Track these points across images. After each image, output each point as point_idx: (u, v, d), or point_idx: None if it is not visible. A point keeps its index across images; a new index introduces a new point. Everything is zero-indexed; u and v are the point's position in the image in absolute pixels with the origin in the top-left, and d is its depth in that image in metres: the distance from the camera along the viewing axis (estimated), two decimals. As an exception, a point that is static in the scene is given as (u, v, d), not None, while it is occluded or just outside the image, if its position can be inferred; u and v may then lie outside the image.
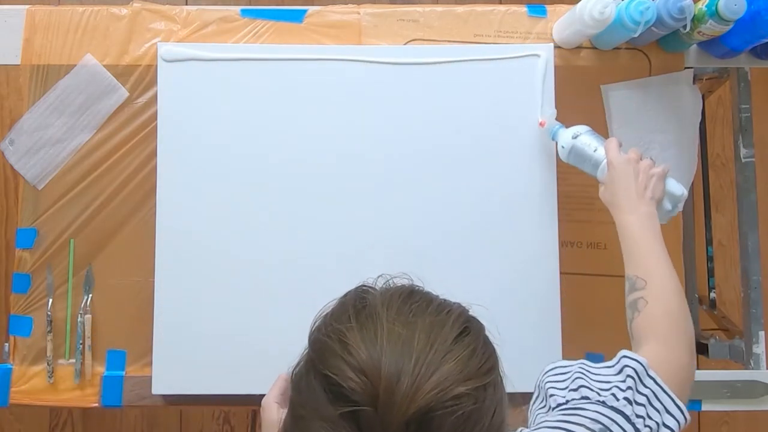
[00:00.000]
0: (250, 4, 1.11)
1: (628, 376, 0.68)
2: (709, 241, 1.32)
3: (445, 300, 0.59)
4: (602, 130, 1.08)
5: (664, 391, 0.69)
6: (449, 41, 1.09)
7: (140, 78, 1.06)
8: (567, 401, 0.67)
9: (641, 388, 0.68)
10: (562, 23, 1.07)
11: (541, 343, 1.01)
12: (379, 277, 0.62)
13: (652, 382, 0.69)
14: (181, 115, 1.02)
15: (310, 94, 1.03)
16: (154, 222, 1.01)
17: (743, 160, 1.10)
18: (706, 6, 0.95)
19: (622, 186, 0.88)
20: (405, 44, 1.08)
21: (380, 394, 0.49)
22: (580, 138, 0.95)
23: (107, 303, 1.05)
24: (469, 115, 1.03)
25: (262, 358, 1.00)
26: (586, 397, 0.67)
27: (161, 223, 1.01)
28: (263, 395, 1.00)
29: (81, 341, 1.03)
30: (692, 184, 1.11)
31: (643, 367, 0.69)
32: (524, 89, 1.03)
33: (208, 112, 1.02)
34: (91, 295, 1.04)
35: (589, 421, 0.63)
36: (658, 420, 0.67)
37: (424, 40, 1.09)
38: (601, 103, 1.09)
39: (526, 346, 1.01)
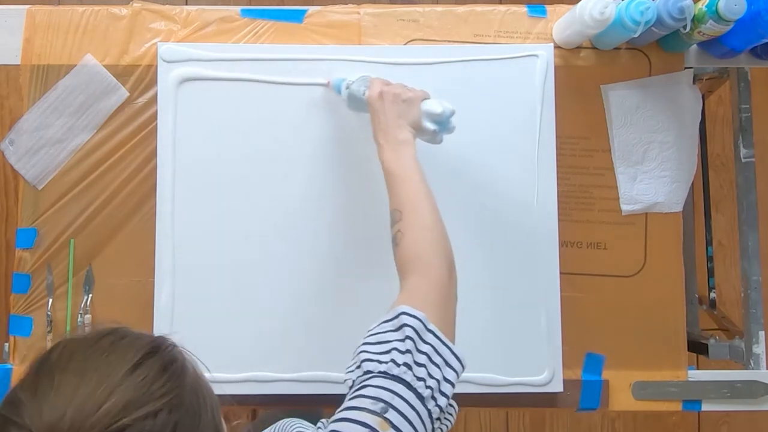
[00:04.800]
0: (250, 4, 1.11)
1: (407, 336, 0.68)
2: (709, 241, 1.32)
3: (139, 336, 0.59)
4: (602, 130, 1.09)
5: (443, 343, 0.69)
6: (449, 41, 1.09)
7: (140, 78, 1.06)
8: (354, 381, 0.68)
9: (421, 346, 0.68)
10: (562, 23, 1.07)
11: (541, 343, 1.01)
12: (86, 326, 0.63)
13: (432, 336, 0.69)
14: (181, 115, 1.02)
15: (309, 94, 1.03)
16: (154, 222, 1.01)
17: (743, 160, 1.10)
18: (706, 6, 0.95)
19: (378, 122, 0.87)
20: (405, 44, 1.08)
21: None
22: (353, 85, 0.95)
23: (107, 303, 1.04)
24: (469, 115, 1.03)
25: (261, 358, 1.00)
26: (369, 371, 0.67)
27: (161, 223, 1.01)
28: (263, 395, 1.01)
29: (81, 341, 1.03)
30: (692, 184, 1.11)
31: (422, 323, 0.69)
32: (524, 89, 1.03)
33: (209, 112, 1.02)
34: (91, 295, 1.04)
35: (370, 401, 0.64)
36: (439, 376, 0.68)
37: (424, 40, 1.09)
38: (601, 103, 1.09)
39: (527, 346, 1.01)
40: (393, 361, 0.67)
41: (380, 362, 0.67)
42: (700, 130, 1.12)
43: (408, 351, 0.67)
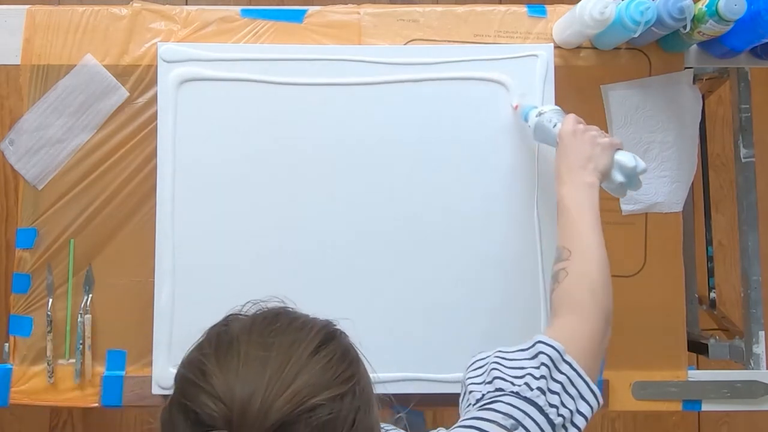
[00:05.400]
0: (250, 4, 1.11)
1: (543, 363, 0.68)
2: (709, 241, 1.32)
3: (310, 318, 0.61)
4: (602, 130, 1.08)
5: (580, 376, 0.69)
6: (449, 41, 1.08)
7: (140, 78, 1.06)
8: (483, 395, 0.68)
9: (556, 375, 0.68)
10: (562, 23, 1.07)
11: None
12: (247, 303, 0.64)
13: (567, 367, 0.69)
14: (181, 116, 1.02)
15: (309, 94, 1.03)
16: (154, 222, 1.01)
17: (743, 160, 1.10)
18: (706, 6, 0.95)
19: (565, 158, 0.86)
20: (405, 44, 1.08)
21: (234, 416, 0.51)
22: (544, 115, 0.94)
23: (107, 303, 1.05)
24: (470, 115, 1.03)
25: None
26: (501, 389, 0.67)
27: (161, 223, 1.01)
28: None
29: (81, 341, 1.03)
30: (692, 184, 1.11)
31: (559, 353, 0.69)
32: (524, 89, 1.03)
33: (209, 112, 1.02)
34: (91, 295, 1.04)
35: (501, 416, 0.64)
36: (572, 407, 0.67)
37: (424, 40, 1.09)
38: (601, 103, 1.09)
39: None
40: (527, 384, 0.67)
41: (513, 384, 0.67)
42: (700, 130, 1.11)
43: (543, 377, 0.67)
